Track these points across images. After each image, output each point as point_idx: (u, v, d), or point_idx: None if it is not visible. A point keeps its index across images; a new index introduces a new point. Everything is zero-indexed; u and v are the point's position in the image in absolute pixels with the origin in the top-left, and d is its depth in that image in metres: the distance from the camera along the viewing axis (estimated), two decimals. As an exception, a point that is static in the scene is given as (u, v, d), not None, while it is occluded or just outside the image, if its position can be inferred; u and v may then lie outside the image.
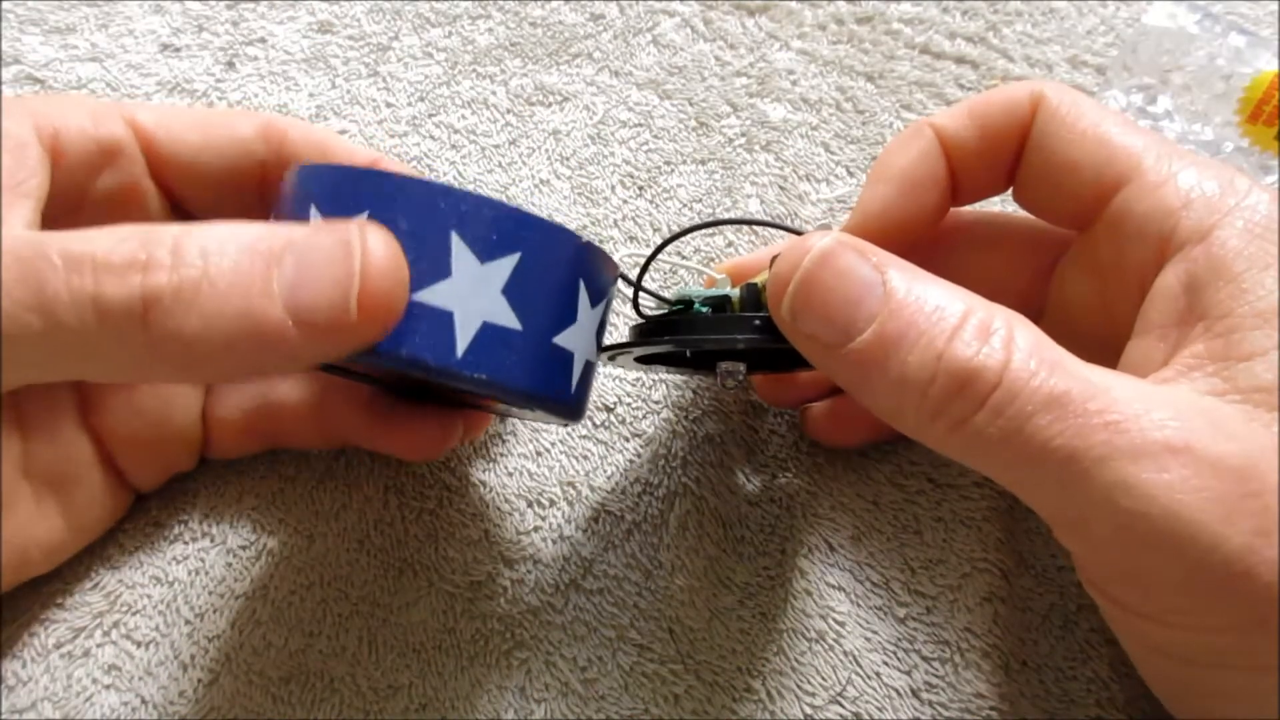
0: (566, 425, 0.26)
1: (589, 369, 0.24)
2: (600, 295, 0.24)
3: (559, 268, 0.22)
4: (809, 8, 0.41)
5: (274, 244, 0.19)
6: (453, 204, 0.21)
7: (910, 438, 0.22)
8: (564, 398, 0.23)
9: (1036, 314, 0.28)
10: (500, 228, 0.21)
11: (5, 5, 0.39)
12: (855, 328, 0.21)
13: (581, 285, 0.23)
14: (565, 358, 0.23)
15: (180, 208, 0.28)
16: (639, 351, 0.25)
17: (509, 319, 0.21)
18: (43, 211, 0.23)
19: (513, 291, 0.21)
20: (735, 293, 0.25)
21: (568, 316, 0.22)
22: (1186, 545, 0.19)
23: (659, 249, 0.26)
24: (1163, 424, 0.19)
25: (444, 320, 0.20)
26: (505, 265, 0.21)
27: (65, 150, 0.24)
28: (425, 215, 0.20)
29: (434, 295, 0.20)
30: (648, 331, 0.25)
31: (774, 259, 0.23)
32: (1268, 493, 0.19)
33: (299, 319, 0.19)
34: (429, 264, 0.20)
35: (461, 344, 0.21)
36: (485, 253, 0.21)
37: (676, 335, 0.24)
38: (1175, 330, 0.22)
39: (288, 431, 0.29)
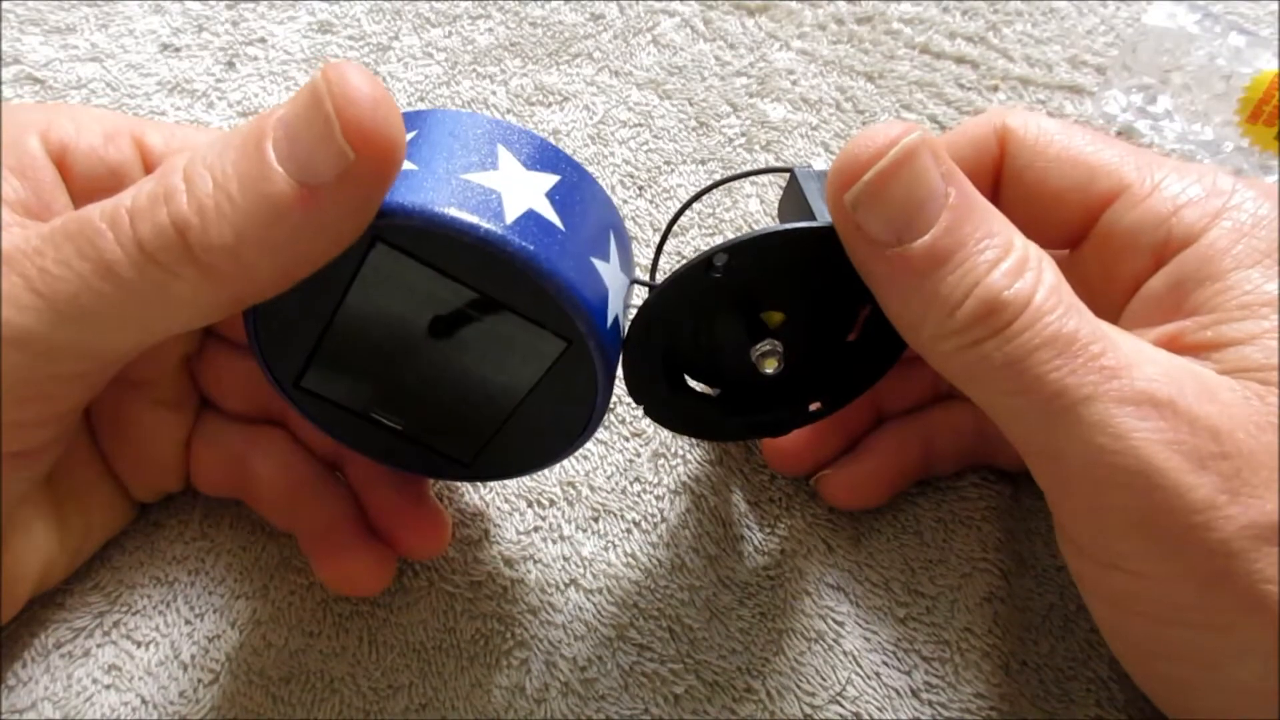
0: (584, 432, 0.24)
1: (618, 331, 0.23)
2: (626, 258, 0.24)
3: (593, 204, 0.23)
4: (809, 8, 0.41)
5: (262, 127, 0.20)
6: (498, 126, 0.22)
7: (909, 343, 0.22)
8: (601, 326, 0.22)
9: None
10: (542, 153, 0.22)
11: (5, 5, 0.39)
12: (910, 232, 0.21)
13: (611, 237, 0.23)
14: (601, 288, 0.22)
15: None
16: (681, 280, 0.23)
17: (552, 216, 0.21)
18: None
19: (554, 198, 0.22)
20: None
21: (601, 249, 0.22)
22: (1152, 487, 0.20)
23: (679, 212, 0.26)
24: (1152, 378, 0.20)
25: (492, 197, 0.20)
26: (547, 179, 0.22)
27: (73, 171, 0.24)
28: (472, 130, 0.22)
29: (482, 178, 0.21)
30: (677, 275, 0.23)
31: (784, 199, 0.22)
32: (1241, 457, 0.20)
33: (307, 183, 0.19)
34: (478, 158, 0.21)
35: (510, 215, 0.20)
36: (530, 163, 0.22)
37: (707, 256, 0.22)
38: (1156, 330, 0.23)
39: (258, 499, 0.28)
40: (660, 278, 0.25)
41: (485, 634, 0.28)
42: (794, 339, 0.25)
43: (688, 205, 0.27)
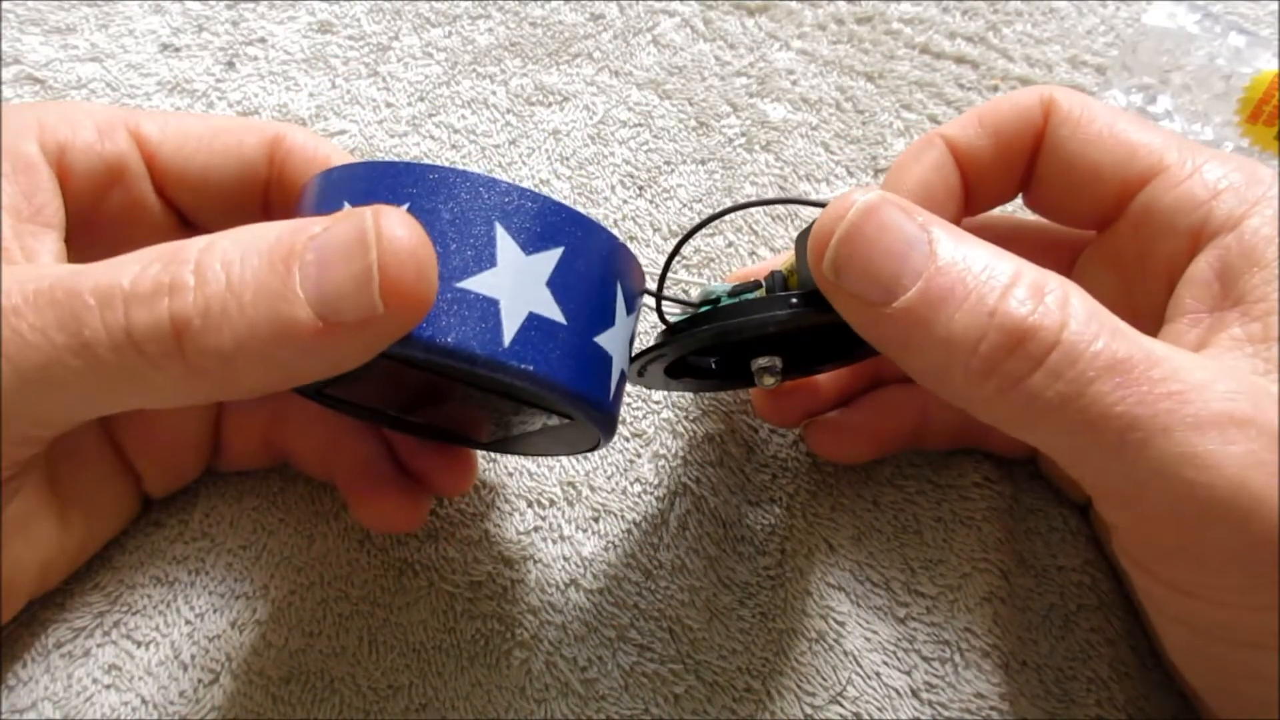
0: (593, 449, 0.26)
1: (622, 380, 0.24)
2: (632, 303, 0.24)
3: (599, 266, 0.22)
4: (809, 8, 0.41)
5: (294, 243, 0.19)
6: (496, 195, 0.20)
7: (956, 405, 0.21)
8: (604, 404, 0.22)
9: None
10: (544, 221, 0.21)
11: (5, 5, 0.39)
12: (900, 285, 0.20)
13: (618, 288, 0.22)
14: (605, 360, 0.22)
15: (185, 219, 0.27)
16: (673, 354, 0.25)
17: (554, 311, 0.21)
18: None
19: (556, 284, 0.21)
20: (763, 283, 0.25)
21: (607, 318, 0.22)
22: (1251, 519, 0.18)
23: (681, 241, 0.26)
24: (1227, 395, 0.19)
25: (490, 308, 0.20)
26: (549, 258, 0.21)
27: (72, 170, 0.23)
28: (468, 205, 0.20)
29: (479, 284, 0.20)
30: (680, 329, 0.24)
31: (803, 233, 0.22)
32: None
33: (327, 318, 0.18)
34: (474, 253, 0.20)
35: (508, 333, 0.20)
36: (529, 244, 0.20)
37: (714, 323, 0.23)
38: (1208, 316, 0.22)
39: (295, 453, 0.28)
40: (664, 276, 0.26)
41: (485, 634, 0.28)
42: (793, 358, 0.26)
43: (684, 241, 0.26)
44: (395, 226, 0.18)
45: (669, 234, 0.35)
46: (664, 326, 0.25)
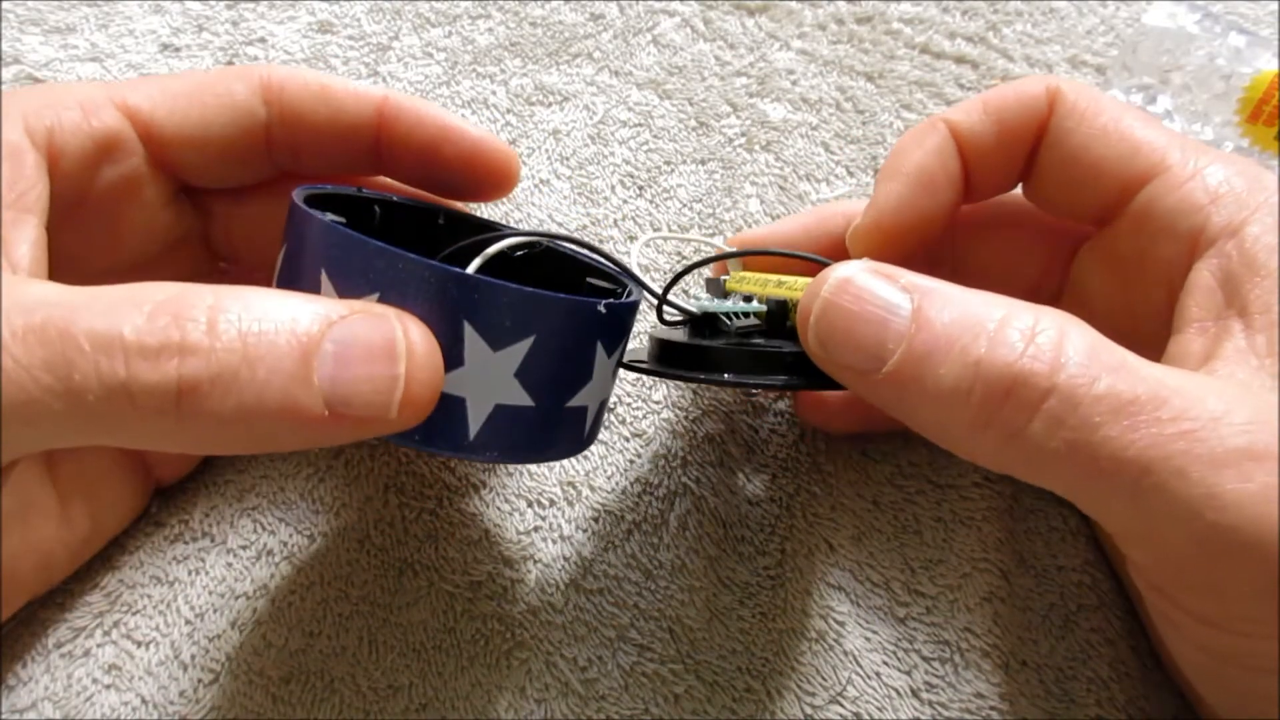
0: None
1: (603, 405, 0.24)
2: (619, 342, 0.23)
3: (574, 339, 0.21)
4: (809, 8, 0.41)
5: (313, 329, 0.19)
6: (465, 292, 0.20)
7: (972, 460, 0.21)
8: (574, 448, 0.23)
9: (1051, 302, 0.28)
10: (514, 313, 0.20)
11: (5, 5, 0.39)
12: (886, 350, 0.20)
13: (599, 346, 0.22)
14: (579, 414, 0.22)
15: (186, 183, 0.27)
16: (664, 371, 0.25)
17: (521, 398, 0.21)
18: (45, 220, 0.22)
19: (526, 372, 0.21)
20: (761, 308, 0.25)
21: (583, 377, 0.22)
22: (1273, 556, 0.18)
23: (683, 273, 0.26)
24: (1243, 428, 0.18)
25: (456, 406, 0.20)
26: (519, 350, 0.20)
27: (62, 151, 0.23)
28: (437, 302, 0.20)
29: (447, 383, 0.20)
30: (673, 358, 0.24)
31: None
32: None
33: (337, 411, 0.18)
34: (442, 352, 0.20)
35: (473, 428, 0.21)
36: (499, 340, 0.20)
37: (710, 373, 0.23)
38: (1213, 325, 0.22)
39: None
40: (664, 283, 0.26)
41: (485, 634, 0.28)
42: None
43: (679, 276, 0.26)
44: (423, 340, 0.19)
45: (669, 233, 0.35)
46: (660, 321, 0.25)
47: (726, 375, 0.23)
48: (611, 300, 0.22)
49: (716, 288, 0.28)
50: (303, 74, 0.26)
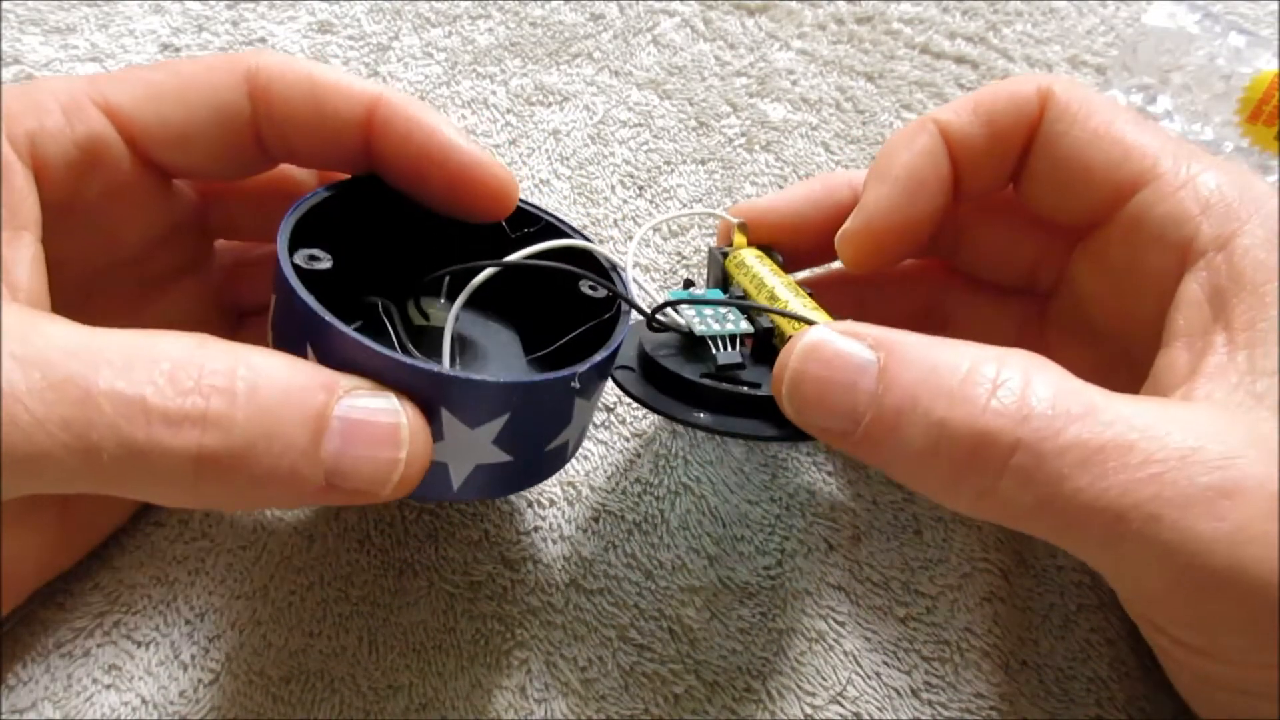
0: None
1: (584, 430, 0.25)
2: (598, 385, 0.24)
3: (551, 405, 0.22)
4: (809, 8, 0.41)
5: (325, 407, 0.19)
6: (440, 387, 0.20)
7: (955, 510, 0.21)
8: (558, 469, 0.24)
9: (1045, 296, 0.28)
10: (490, 400, 0.21)
11: (5, 5, 0.39)
12: (857, 412, 0.20)
13: (575, 400, 0.23)
14: (560, 450, 0.24)
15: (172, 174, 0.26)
16: (647, 403, 0.25)
17: (500, 457, 0.22)
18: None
19: (503, 439, 0.21)
20: (750, 329, 0.25)
21: (561, 424, 0.23)
22: (1252, 592, 0.18)
23: (658, 308, 0.26)
24: (1216, 463, 0.18)
25: (439, 470, 0.21)
26: (495, 425, 0.21)
27: (46, 161, 0.22)
28: (416, 392, 0.20)
29: None
30: (656, 382, 0.24)
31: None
32: None
33: (335, 484, 0.19)
34: None
35: (456, 483, 0.22)
36: (475, 420, 0.21)
37: (707, 417, 0.23)
38: (1200, 339, 0.22)
39: None
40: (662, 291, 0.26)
41: (485, 634, 0.28)
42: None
43: (672, 303, 0.26)
44: (421, 429, 0.20)
45: (668, 234, 0.35)
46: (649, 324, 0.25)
47: (701, 416, 0.23)
48: (584, 368, 0.22)
49: (716, 263, 0.28)
50: (292, 68, 0.25)
